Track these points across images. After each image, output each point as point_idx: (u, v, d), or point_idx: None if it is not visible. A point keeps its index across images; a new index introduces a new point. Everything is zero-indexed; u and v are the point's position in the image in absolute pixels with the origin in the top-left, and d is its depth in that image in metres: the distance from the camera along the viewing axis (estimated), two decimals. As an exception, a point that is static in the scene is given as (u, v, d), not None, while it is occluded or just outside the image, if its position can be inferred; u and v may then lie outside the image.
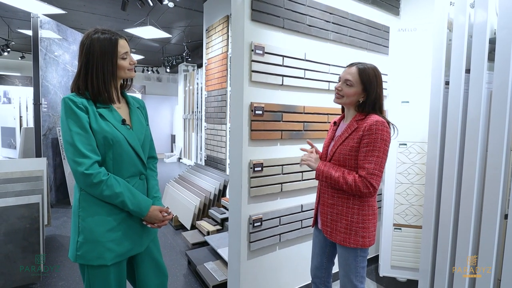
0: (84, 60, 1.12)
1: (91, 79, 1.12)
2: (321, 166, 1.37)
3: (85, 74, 1.12)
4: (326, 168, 1.34)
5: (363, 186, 1.24)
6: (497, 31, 1.43)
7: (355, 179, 1.25)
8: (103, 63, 1.12)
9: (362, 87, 1.32)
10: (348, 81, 1.33)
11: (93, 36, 1.12)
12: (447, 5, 1.70)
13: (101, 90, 1.13)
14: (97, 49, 1.11)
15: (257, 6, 1.76)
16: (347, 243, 1.34)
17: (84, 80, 1.12)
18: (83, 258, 1.09)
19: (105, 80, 1.14)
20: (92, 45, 1.11)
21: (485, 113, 1.52)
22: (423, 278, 1.84)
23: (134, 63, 1.23)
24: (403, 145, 2.19)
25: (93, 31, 1.14)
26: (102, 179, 1.08)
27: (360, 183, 1.24)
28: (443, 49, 1.72)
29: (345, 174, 1.28)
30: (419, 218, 2.16)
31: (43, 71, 4.03)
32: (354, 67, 1.34)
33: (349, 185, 1.26)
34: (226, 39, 3.83)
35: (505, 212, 1.44)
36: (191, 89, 7.71)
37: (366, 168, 1.24)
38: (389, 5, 2.52)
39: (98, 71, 1.12)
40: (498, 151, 1.42)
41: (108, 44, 1.13)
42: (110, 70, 1.14)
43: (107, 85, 1.15)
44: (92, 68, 1.11)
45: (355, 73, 1.32)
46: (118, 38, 1.16)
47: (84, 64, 1.12)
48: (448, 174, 1.68)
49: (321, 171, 1.36)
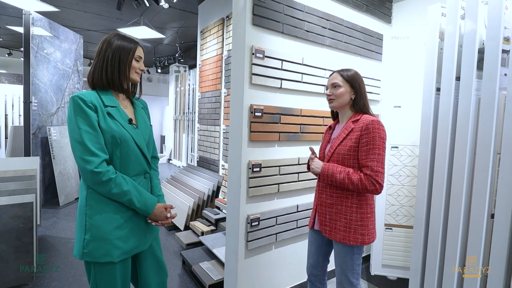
0: (103, 53, 1.18)
1: (106, 67, 1.17)
2: (324, 168, 1.41)
3: (102, 62, 1.17)
4: (330, 170, 1.39)
5: (369, 184, 1.30)
6: (485, 41, 1.52)
7: (361, 178, 1.31)
8: (120, 56, 1.19)
9: (349, 85, 1.43)
10: (334, 83, 1.44)
11: (117, 35, 1.22)
12: (439, 16, 1.79)
13: (115, 78, 1.19)
14: (118, 45, 1.18)
15: (258, 11, 1.81)
16: (347, 241, 1.40)
17: (100, 68, 1.18)
18: (90, 256, 1.11)
19: (120, 70, 1.19)
20: (114, 41, 1.19)
21: (473, 119, 1.61)
22: (414, 276, 1.91)
23: (143, 70, 1.29)
24: (394, 148, 2.27)
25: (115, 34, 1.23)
26: (111, 177, 1.10)
27: (366, 181, 1.30)
28: (435, 58, 1.81)
29: (350, 174, 1.33)
30: (410, 219, 2.24)
31: (34, 69, 3.97)
32: (335, 73, 1.48)
33: (355, 185, 1.32)
34: (221, 42, 3.86)
35: (491, 212, 1.52)
36: (182, 90, 7.70)
37: (370, 166, 1.31)
38: (382, 13, 2.62)
39: (114, 61, 1.18)
40: (485, 154, 1.51)
41: (128, 43, 1.21)
42: (124, 63, 1.20)
43: (121, 75, 1.20)
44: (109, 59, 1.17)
45: (338, 75, 1.45)
46: (138, 44, 1.25)
47: (103, 55, 1.18)
48: (438, 176, 1.77)
49: (325, 174, 1.40)
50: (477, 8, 1.56)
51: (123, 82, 1.22)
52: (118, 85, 1.21)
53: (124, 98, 1.29)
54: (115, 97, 1.22)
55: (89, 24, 5.75)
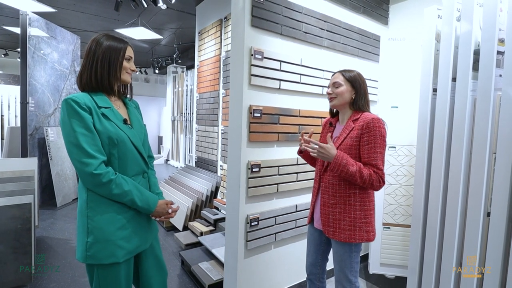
0: (92, 53, 1.15)
1: (95, 68, 1.15)
2: (339, 156, 1.33)
3: (91, 63, 1.15)
4: (344, 160, 1.32)
5: (376, 180, 1.33)
6: (481, 43, 1.55)
7: (370, 174, 1.33)
8: (110, 57, 1.17)
9: (349, 84, 1.45)
10: (336, 83, 1.46)
11: (105, 35, 1.20)
12: (435, 18, 1.82)
13: (105, 79, 1.17)
14: (108, 45, 1.17)
15: (257, 13, 1.82)
16: (352, 240, 1.41)
17: (89, 69, 1.15)
18: (94, 258, 1.10)
19: (110, 71, 1.17)
20: (104, 42, 1.17)
21: (469, 119, 1.64)
22: (412, 274, 1.93)
23: (134, 70, 1.28)
24: (392, 148, 2.29)
25: (104, 34, 1.21)
26: (111, 178, 1.10)
27: (375, 177, 1.33)
28: (432, 59, 1.83)
29: (362, 169, 1.33)
30: (407, 218, 2.26)
31: (31, 70, 3.95)
32: (337, 72, 1.50)
33: (364, 179, 1.32)
34: (219, 42, 3.87)
35: (487, 210, 1.55)
36: (180, 91, 7.70)
37: (374, 165, 1.34)
38: (379, 15, 2.65)
39: (104, 62, 1.16)
40: (481, 154, 1.54)
41: (118, 43, 1.19)
42: (115, 64, 1.18)
43: (111, 76, 1.18)
44: (98, 60, 1.15)
45: (340, 75, 1.48)
46: (128, 44, 1.23)
47: (92, 56, 1.15)
48: (435, 176, 1.79)
49: (338, 162, 1.32)
50: (473, 10, 1.59)
51: (113, 83, 1.20)
52: (107, 87, 1.18)
53: (116, 99, 1.27)
54: (108, 98, 1.21)
55: (86, 25, 5.73)
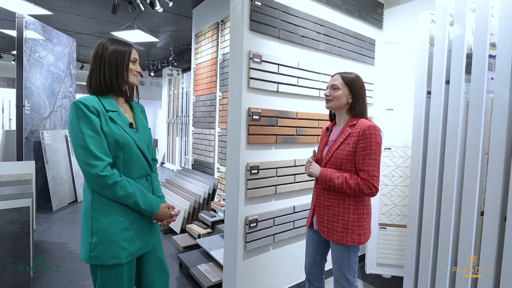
0: (99, 57, 1.19)
1: (103, 72, 1.19)
2: (323, 173, 1.46)
3: (99, 67, 1.19)
4: (328, 175, 1.43)
5: (365, 188, 1.36)
6: (473, 47, 1.59)
7: (358, 183, 1.36)
8: (117, 60, 1.20)
9: (347, 88, 1.47)
10: (334, 85, 1.49)
11: (110, 40, 1.23)
12: (429, 22, 1.87)
13: (114, 82, 1.21)
14: (114, 49, 1.20)
15: (256, 17, 1.85)
16: (344, 241, 1.44)
17: (98, 73, 1.19)
18: (98, 259, 1.12)
19: (117, 74, 1.21)
20: (109, 45, 1.20)
21: (463, 120, 1.68)
22: (408, 274, 1.97)
23: (139, 72, 1.31)
24: (387, 150, 2.33)
25: (109, 39, 1.24)
26: (116, 180, 1.12)
27: (363, 185, 1.36)
28: (426, 62, 1.88)
29: (348, 180, 1.38)
30: (403, 218, 2.30)
31: (27, 73, 3.94)
32: (337, 74, 1.52)
33: (353, 189, 1.37)
34: (216, 45, 3.89)
35: (481, 210, 1.59)
36: (175, 94, 7.70)
37: (366, 170, 1.36)
38: (374, 19, 2.70)
39: (112, 65, 1.20)
40: (474, 155, 1.58)
41: (123, 47, 1.23)
42: (122, 67, 1.22)
43: (119, 79, 1.22)
44: (106, 63, 1.19)
45: (339, 78, 1.49)
46: (133, 46, 1.27)
47: (99, 60, 1.19)
48: (430, 176, 1.83)
49: (323, 179, 1.45)
50: (465, 15, 1.64)
51: (122, 85, 1.24)
52: (117, 89, 1.22)
53: (123, 102, 1.31)
54: (115, 102, 1.25)
55: (82, 28, 5.72)
